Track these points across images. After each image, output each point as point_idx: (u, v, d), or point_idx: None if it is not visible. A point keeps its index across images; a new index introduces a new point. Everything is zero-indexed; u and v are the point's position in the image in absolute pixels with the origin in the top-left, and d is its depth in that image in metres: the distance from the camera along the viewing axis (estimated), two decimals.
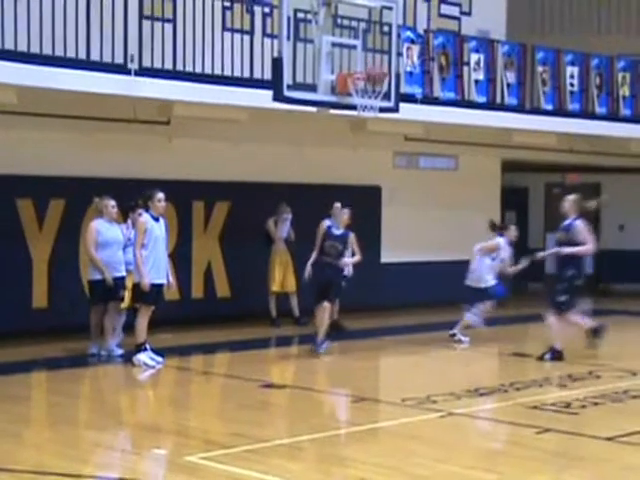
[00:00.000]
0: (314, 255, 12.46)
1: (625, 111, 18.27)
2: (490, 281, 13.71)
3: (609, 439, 8.13)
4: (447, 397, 9.70)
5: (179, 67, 13.10)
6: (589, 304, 12.84)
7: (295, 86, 12.58)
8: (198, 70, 13.25)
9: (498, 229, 14.03)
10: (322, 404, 9.97)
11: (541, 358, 12.12)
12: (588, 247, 12.06)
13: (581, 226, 12.09)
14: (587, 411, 9.24)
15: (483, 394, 10.00)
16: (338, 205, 13.05)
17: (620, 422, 8.73)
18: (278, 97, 12.08)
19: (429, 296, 17.04)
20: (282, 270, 14.72)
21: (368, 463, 7.45)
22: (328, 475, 7.12)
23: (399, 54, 14.50)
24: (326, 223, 12.69)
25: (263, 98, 12.49)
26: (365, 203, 16.10)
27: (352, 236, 12.73)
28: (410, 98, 14.99)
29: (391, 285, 16.86)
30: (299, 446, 7.92)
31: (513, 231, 14.04)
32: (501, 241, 13.78)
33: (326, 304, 12.27)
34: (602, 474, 7.24)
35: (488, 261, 13.78)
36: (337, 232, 12.56)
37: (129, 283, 11.79)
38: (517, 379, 10.82)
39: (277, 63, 11.85)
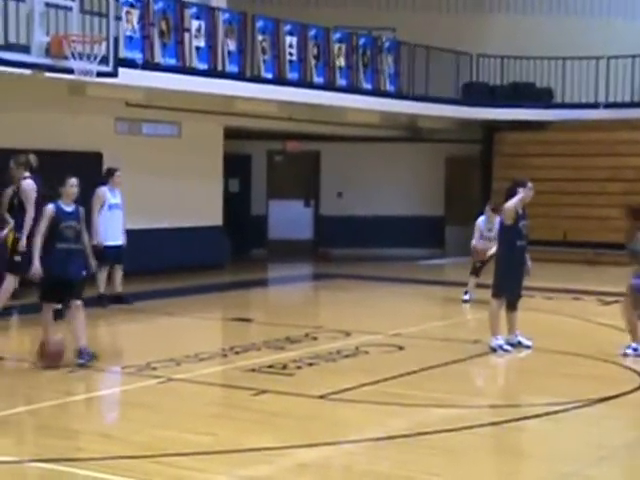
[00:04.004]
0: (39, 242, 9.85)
1: (341, 81, 18.91)
2: None
3: (321, 397, 8.46)
4: (167, 363, 9.72)
5: None
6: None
7: (7, 47, 12.13)
8: None
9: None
10: (37, 375, 9.67)
11: None
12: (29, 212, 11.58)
13: (27, 187, 11.72)
14: (302, 371, 9.55)
15: (203, 359, 10.09)
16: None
17: (332, 380, 9.09)
18: None
19: (153, 264, 16.97)
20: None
21: (85, 432, 7.37)
22: (40, 447, 6.95)
23: (118, 18, 14.27)
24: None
25: None
26: (86, 170, 15.70)
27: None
28: (130, 63, 14.78)
29: None
30: (9, 420, 7.68)
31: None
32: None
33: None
34: (314, 430, 7.52)
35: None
36: (68, 208, 9.95)
37: None
38: (237, 343, 11.01)
39: None
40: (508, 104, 22.00)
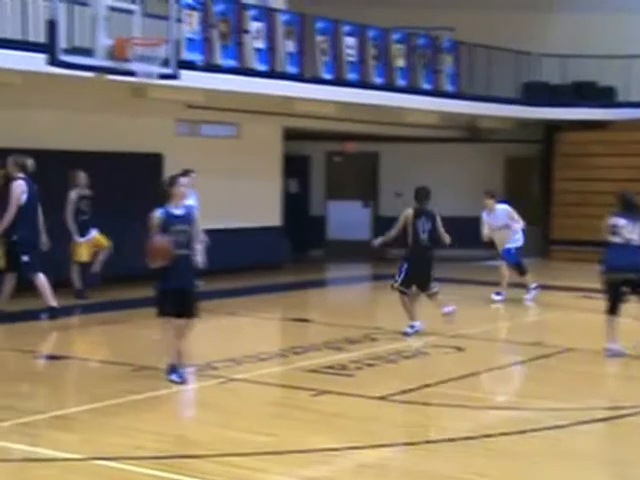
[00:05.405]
0: None
1: (400, 82, 18.87)
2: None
3: (381, 398, 8.46)
4: (228, 363, 9.80)
5: None
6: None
7: (71, 50, 12.32)
8: None
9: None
10: (101, 374, 9.81)
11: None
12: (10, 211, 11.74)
13: (17, 187, 11.76)
14: (362, 372, 9.56)
15: (263, 359, 10.15)
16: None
17: (392, 382, 9.09)
18: (53, 61, 11.79)
19: (213, 264, 17.02)
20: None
21: (146, 431, 7.43)
22: (102, 445, 7.03)
23: (179, 20, 14.40)
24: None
25: (38, 62, 12.11)
26: (147, 171, 15.92)
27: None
28: (191, 65, 14.91)
29: None
30: (74, 417, 7.81)
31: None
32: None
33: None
34: (374, 431, 7.52)
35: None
36: (178, 212, 9.01)
37: None
38: (297, 344, 11.05)
39: (52, 26, 11.54)
40: (569, 103, 21.77)
